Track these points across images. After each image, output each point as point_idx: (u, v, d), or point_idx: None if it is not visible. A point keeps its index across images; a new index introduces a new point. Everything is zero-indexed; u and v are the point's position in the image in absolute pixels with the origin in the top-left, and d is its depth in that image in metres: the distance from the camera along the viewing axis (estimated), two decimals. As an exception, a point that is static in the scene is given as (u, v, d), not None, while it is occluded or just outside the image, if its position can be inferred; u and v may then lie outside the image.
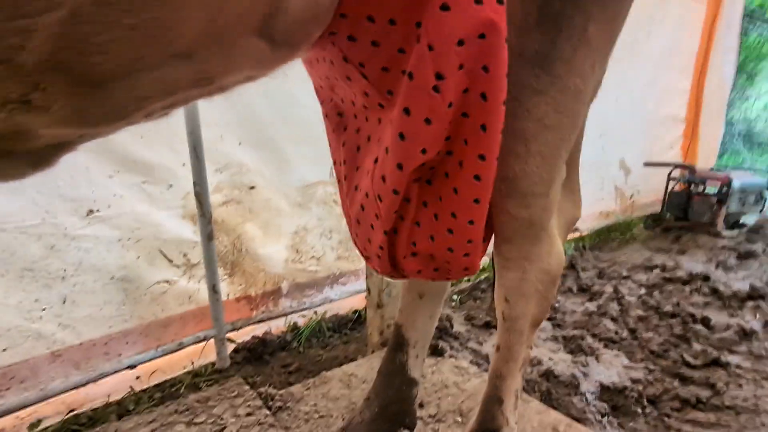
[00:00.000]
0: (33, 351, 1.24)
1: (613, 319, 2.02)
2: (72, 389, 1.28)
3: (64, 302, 1.30)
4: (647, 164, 3.31)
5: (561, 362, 1.59)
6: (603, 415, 1.36)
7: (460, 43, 0.40)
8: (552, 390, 1.37)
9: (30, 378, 1.23)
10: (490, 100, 0.44)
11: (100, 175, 1.30)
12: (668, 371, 1.62)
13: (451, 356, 1.48)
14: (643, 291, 2.33)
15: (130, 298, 1.41)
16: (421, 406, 1.15)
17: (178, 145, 1.38)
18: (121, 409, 1.35)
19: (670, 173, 3.38)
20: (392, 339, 0.93)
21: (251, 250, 1.68)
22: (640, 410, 1.43)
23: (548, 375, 1.45)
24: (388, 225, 0.53)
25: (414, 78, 0.41)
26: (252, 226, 1.65)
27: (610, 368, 1.63)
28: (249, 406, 1.09)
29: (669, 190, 3.40)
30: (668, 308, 2.06)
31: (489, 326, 1.85)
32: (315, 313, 1.96)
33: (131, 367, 1.39)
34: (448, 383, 1.27)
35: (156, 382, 1.48)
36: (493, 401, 0.70)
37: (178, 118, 1.34)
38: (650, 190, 3.53)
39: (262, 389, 1.22)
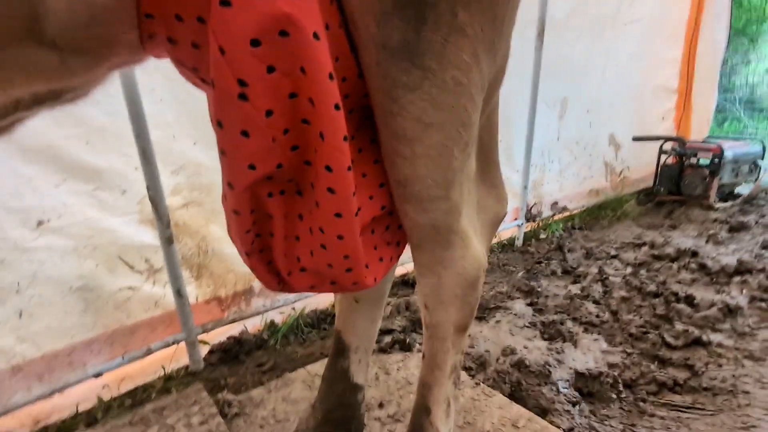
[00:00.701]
0: (-8, 366, 1.23)
1: (596, 302, 1.98)
2: (36, 401, 1.27)
3: (20, 316, 1.28)
4: (636, 139, 3.22)
5: (535, 350, 1.56)
6: (574, 404, 1.33)
7: (255, 43, 0.35)
8: (522, 380, 1.35)
9: (-10, 393, 1.22)
10: (317, 105, 0.39)
11: (46, 185, 1.26)
12: (647, 354, 1.59)
13: (420, 351, 1.45)
14: (629, 270, 2.28)
15: (91, 307, 1.40)
16: (380, 405, 1.12)
17: (127, 148, 1.34)
18: (90, 418, 1.34)
19: (661, 146, 3.29)
20: (333, 345, 0.90)
21: (218, 251, 1.65)
22: (615, 395, 1.41)
23: (520, 365, 1.42)
24: (245, 246, 0.49)
25: (216, 87, 0.36)
26: (216, 227, 1.62)
27: (587, 354, 1.60)
28: (203, 414, 1.08)
29: (661, 163, 3.31)
30: (652, 288, 2.02)
31: (466, 316, 1.82)
32: (293, 309, 1.94)
33: (97, 375, 1.38)
34: (413, 380, 1.25)
35: (127, 390, 1.47)
36: (421, 411, 0.67)
37: (124, 120, 1.29)
38: (642, 165, 3.44)
39: (219, 395, 1.20)
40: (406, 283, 2.17)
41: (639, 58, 3.16)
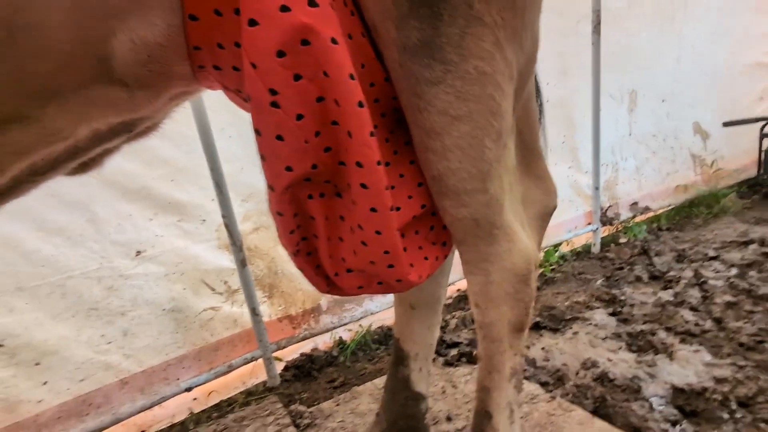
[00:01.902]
0: (104, 380, 1.42)
1: (693, 309, 1.75)
2: (139, 412, 1.43)
3: (125, 335, 1.47)
4: (727, 124, 2.85)
5: (621, 363, 1.42)
6: (674, 423, 1.18)
7: (281, 54, 0.38)
8: (607, 396, 1.22)
9: (103, 404, 1.40)
10: (342, 105, 0.41)
11: (141, 219, 1.46)
12: (764, 366, 1.36)
13: (488, 364, 1.39)
14: (733, 272, 1.99)
15: (181, 327, 1.55)
16: (448, 419, 1.09)
17: (204, 182, 1.50)
18: (183, 429, 1.47)
19: (762, 129, 2.87)
20: (392, 353, 0.90)
21: (286, 271, 1.75)
22: (727, 415, 1.22)
23: (603, 379, 1.29)
24: (290, 247, 0.52)
25: (252, 99, 0.40)
26: (283, 249, 1.72)
27: (686, 367, 1.41)
28: (278, 424, 1.13)
29: (764, 149, 2.89)
30: (765, 290, 1.74)
31: (538, 327, 1.71)
32: (360, 326, 1.98)
33: (188, 389, 1.52)
34: (481, 393, 1.20)
35: (213, 403, 1.60)
36: (482, 417, 0.64)
37: (200, 158, 1.46)
38: (739, 153, 3.03)
39: (292, 407, 1.26)
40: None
41: (720, 37, 2.84)
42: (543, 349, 1.55)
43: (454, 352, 1.50)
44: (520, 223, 0.60)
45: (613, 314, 1.77)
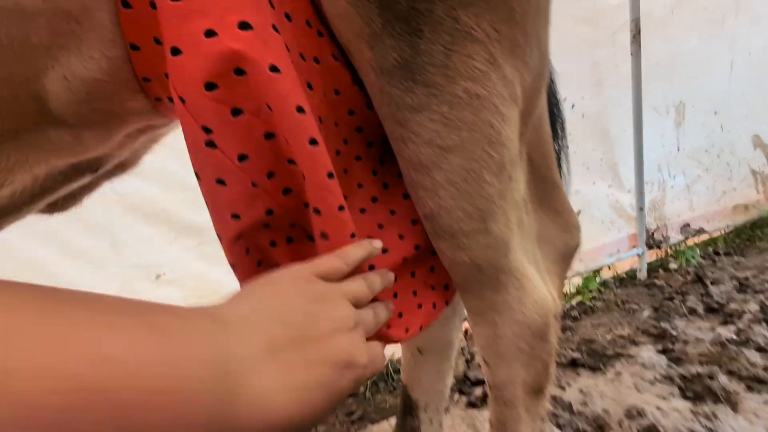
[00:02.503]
0: (122, 404, 1.42)
1: (761, 350, 1.53)
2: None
3: (144, 359, 1.47)
4: (794, 137, 2.56)
5: (674, 413, 1.24)
6: (740, 493, 1.00)
7: (211, 86, 0.33)
8: (655, 453, 1.06)
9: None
10: (292, 143, 0.35)
11: (162, 242, 1.47)
12: None
13: (516, 407, 1.26)
14: (809, 306, 1.74)
15: (198, 352, 1.54)
16: (468, 472, 0.98)
17: (223, 206, 1.50)
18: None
19: (836, 142, 2.56)
20: (401, 401, 0.81)
21: (305, 296, 1.71)
22: (808, 486, 1.02)
23: (651, 431, 1.13)
24: None
25: (186, 137, 0.35)
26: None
27: (756, 421, 1.21)
28: (284, 465, 1.06)
29: (840, 163, 2.57)
30: None
31: (576, 365, 1.56)
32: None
33: (203, 417, 1.49)
34: (506, 443, 1.07)
35: (229, 431, 1.56)
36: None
37: (219, 182, 1.46)
38: (810, 168, 2.71)
39: (301, 446, 1.18)
40: (503, 325, 1.96)
41: (781, 41, 2.59)
42: (581, 391, 1.39)
43: (477, 391, 1.38)
44: (535, 267, 0.51)
45: (662, 352, 1.58)
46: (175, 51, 0.32)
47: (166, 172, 1.43)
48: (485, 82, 0.38)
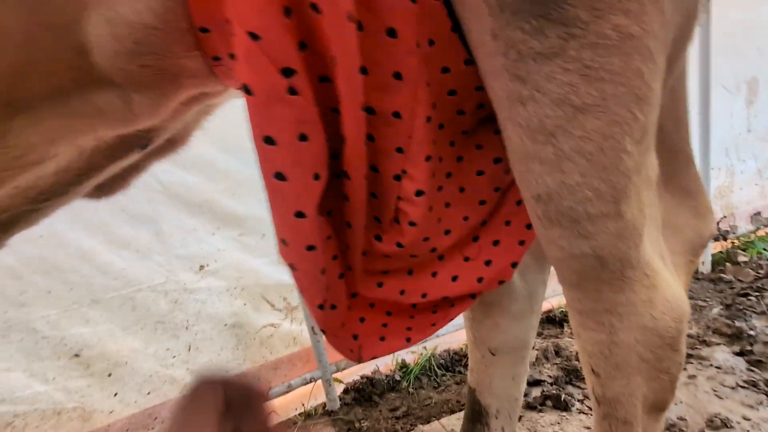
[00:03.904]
0: (169, 394, 1.42)
1: None
2: (201, 430, 1.41)
3: (189, 350, 1.46)
4: None
5: (765, 425, 1.10)
6: None
7: (287, 12, 0.26)
8: (749, 470, 0.94)
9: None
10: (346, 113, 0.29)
11: (205, 234, 1.45)
12: None
13: (581, 411, 1.16)
14: None
15: (242, 343, 1.52)
16: (535, 483, 0.90)
17: (264, 195, 1.46)
18: (242, 449, 1.43)
19: None
20: (467, 406, 0.74)
21: (347, 288, 1.66)
22: None
23: (741, 444, 1.01)
24: (318, 297, 0.41)
25: (258, 90, 0.29)
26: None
27: None
28: (334, 465, 1.01)
29: None
30: None
31: (641, 366, 1.42)
32: (425, 348, 1.83)
33: (247, 409, 1.47)
34: (575, 451, 0.98)
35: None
36: None
37: (259, 170, 1.42)
38: None
39: (351, 445, 1.14)
40: (552, 320, 1.85)
41: None
42: (650, 394, 1.27)
43: (536, 392, 1.28)
44: (661, 259, 0.41)
45: (740, 354, 1.42)
46: None
47: (207, 162, 1.40)
48: (641, 16, 0.29)
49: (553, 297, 1.81)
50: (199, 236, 1.45)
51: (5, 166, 0.28)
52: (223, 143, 1.40)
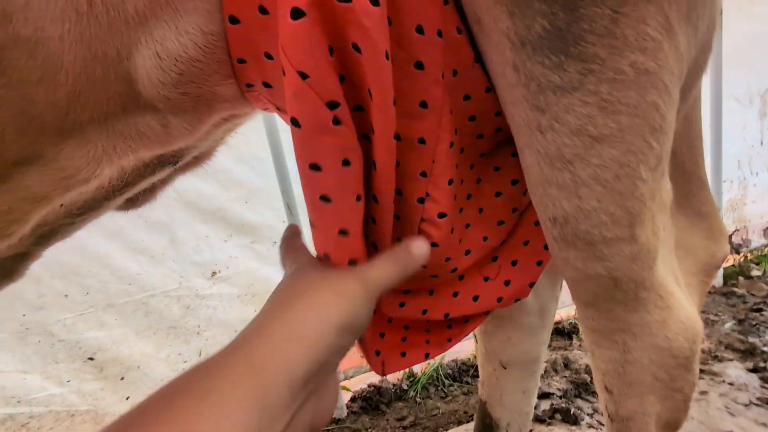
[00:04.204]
0: (180, 399, 1.44)
1: None
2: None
3: (200, 354, 1.48)
4: None
5: (778, 444, 1.09)
6: None
7: (331, 52, 0.28)
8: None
9: (177, 424, 1.41)
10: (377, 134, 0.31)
11: (217, 240, 1.48)
12: None
13: (590, 426, 1.16)
14: None
15: (251, 350, 1.54)
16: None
17: (277, 203, 1.49)
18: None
19: None
20: (478, 418, 0.75)
21: (355, 296, 1.67)
22: None
23: (754, 464, 1.00)
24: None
25: (305, 120, 0.30)
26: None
27: None
28: (343, 474, 1.02)
29: None
30: None
31: (651, 380, 1.41)
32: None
33: (256, 415, 1.49)
34: (585, 467, 0.98)
35: (279, 430, 1.55)
36: None
37: (273, 179, 1.45)
38: None
39: (358, 454, 1.14)
40: (561, 332, 1.84)
41: None
42: (660, 410, 1.26)
43: (545, 405, 1.28)
44: (675, 281, 0.42)
45: (753, 370, 1.41)
46: (297, 13, 0.27)
47: (221, 170, 1.43)
48: (657, 53, 0.30)
49: (562, 308, 1.80)
50: (212, 243, 1.47)
51: (55, 186, 0.30)
52: (237, 153, 1.43)
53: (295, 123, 0.30)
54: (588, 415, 1.20)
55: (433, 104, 0.33)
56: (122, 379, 1.42)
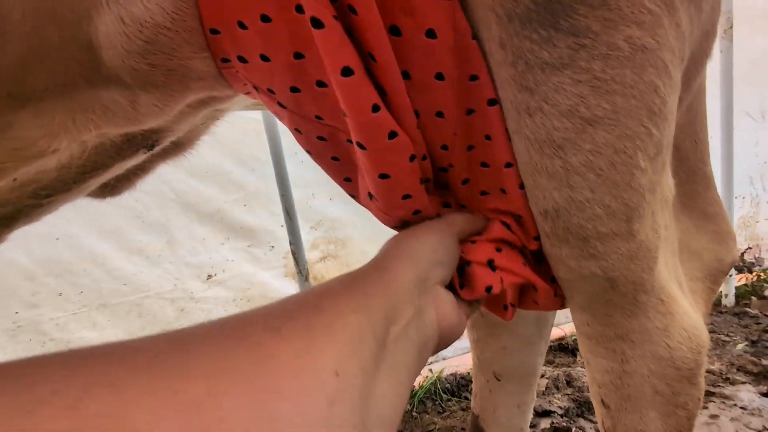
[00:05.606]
0: (169, 404, 1.41)
1: None
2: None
3: (192, 359, 1.45)
4: None
5: (794, 472, 1.03)
6: None
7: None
8: None
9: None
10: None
11: (214, 243, 1.46)
12: None
13: (593, 447, 1.10)
14: None
15: (245, 356, 1.51)
16: None
17: (276, 207, 1.47)
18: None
19: None
20: (469, 432, 0.70)
21: (353, 304, 1.64)
22: None
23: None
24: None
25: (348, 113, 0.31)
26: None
27: None
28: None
29: None
30: None
31: (658, 401, 1.35)
32: (430, 371, 1.78)
33: (246, 424, 1.45)
34: (586, 491, 0.93)
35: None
36: None
37: (272, 182, 1.43)
38: None
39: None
40: (564, 348, 1.78)
41: None
42: (668, 433, 1.20)
43: (545, 423, 1.22)
44: (678, 286, 0.39)
45: (767, 395, 1.34)
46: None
47: (221, 172, 1.42)
48: (655, 28, 0.28)
49: (566, 324, 1.75)
50: (209, 245, 1.45)
51: (4, 158, 0.28)
52: (237, 155, 1.42)
53: (360, 146, 0.32)
54: (591, 435, 1.14)
55: (449, 75, 0.33)
56: (112, 381, 1.39)
